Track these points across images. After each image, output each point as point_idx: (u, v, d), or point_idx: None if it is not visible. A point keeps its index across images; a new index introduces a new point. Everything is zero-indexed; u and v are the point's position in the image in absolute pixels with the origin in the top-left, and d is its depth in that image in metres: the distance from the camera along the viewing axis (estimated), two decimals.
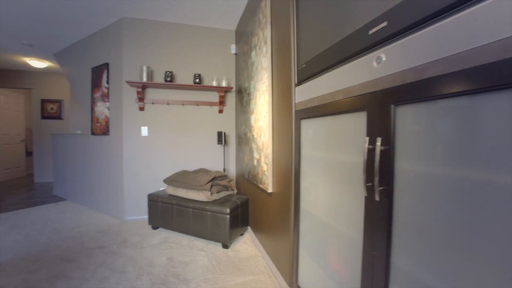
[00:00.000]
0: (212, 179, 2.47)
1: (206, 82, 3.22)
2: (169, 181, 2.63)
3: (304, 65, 1.42)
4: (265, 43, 1.99)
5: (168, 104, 3.10)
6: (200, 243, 2.45)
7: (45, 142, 5.51)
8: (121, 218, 3.06)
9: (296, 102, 1.54)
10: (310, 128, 1.39)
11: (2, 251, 2.24)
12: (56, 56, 4.34)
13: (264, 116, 2.03)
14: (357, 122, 0.97)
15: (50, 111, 5.55)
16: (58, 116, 5.57)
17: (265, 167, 2.01)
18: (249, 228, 2.67)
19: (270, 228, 2.02)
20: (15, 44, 3.99)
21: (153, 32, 3.06)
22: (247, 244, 2.45)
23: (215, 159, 3.29)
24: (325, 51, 1.17)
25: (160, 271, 1.96)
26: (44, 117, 5.52)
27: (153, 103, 3.04)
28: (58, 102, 5.59)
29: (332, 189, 1.17)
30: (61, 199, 4.03)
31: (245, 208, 2.58)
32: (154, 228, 2.75)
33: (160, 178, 3.09)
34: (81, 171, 3.70)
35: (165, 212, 2.59)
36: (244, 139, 2.73)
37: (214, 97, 3.27)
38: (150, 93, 3.06)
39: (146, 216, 3.07)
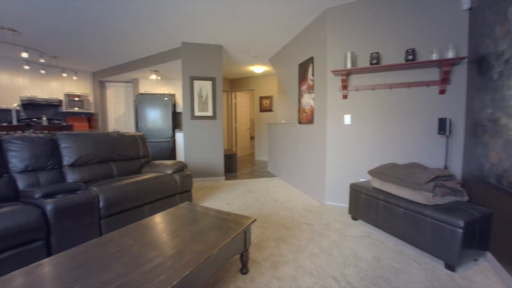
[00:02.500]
0: (434, 178, 1.96)
1: (421, 57, 2.61)
2: (375, 173, 2.43)
3: None
4: None
5: (373, 89, 2.85)
6: (410, 250, 2.07)
7: (262, 130, 7.19)
8: (321, 201, 3.29)
9: None
10: None
11: (247, 207, 3.12)
12: (270, 61, 5.39)
13: None
14: None
15: (265, 105, 7.12)
16: (269, 109, 7.03)
17: None
18: (488, 254, 1.90)
19: None
20: (246, 57, 5.38)
21: (355, 14, 2.89)
22: (487, 276, 1.75)
23: (430, 153, 2.64)
24: None
25: (367, 267, 1.84)
26: (261, 110, 7.20)
27: (356, 89, 2.92)
28: (270, 98, 7.03)
29: None
30: (273, 175, 5.07)
31: (485, 225, 1.84)
32: (354, 219, 2.69)
33: (362, 168, 2.96)
34: (288, 154, 4.40)
35: (368, 205, 2.43)
36: (491, 128, 1.92)
37: (433, 74, 2.58)
38: (354, 80, 2.95)
39: (345, 204, 3.09)
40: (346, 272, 1.79)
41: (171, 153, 6.02)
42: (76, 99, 6.27)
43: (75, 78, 6.22)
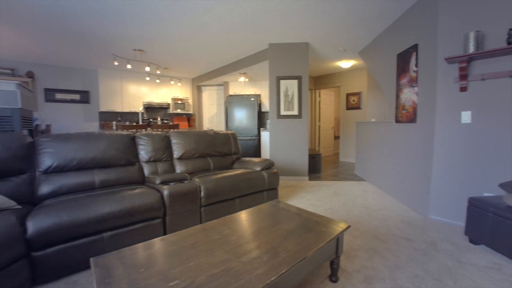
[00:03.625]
0: None
1: None
2: (511, 187, 1.87)
3: None
4: None
5: (510, 76, 2.19)
6: None
7: (348, 129, 6.71)
8: (423, 214, 2.79)
9: None
10: None
11: (333, 211, 2.96)
12: (360, 54, 4.93)
13: None
14: None
15: (352, 102, 6.60)
16: (357, 107, 6.47)
17: None
18: None
19: None
20: (333, 52, 5.09)
21: None
22: None
23: None
24: None
25: None
26: (348, 108, 6.71)
27: (482, 79, 2.31)
28: (358, 94, 6.46)
29: None
30: (361, 179, 4.64)
31: None
32: (474, 242, 2.15)
33: (487, 179, 2.34)
34: (380, 156, 3.93)
35: (499, 228, 1.89)
36: None
37: None
38: (478, 67, 2.35)
39: (458, 222, 2.52)
40: None
41: (256, 151, 6.36)
42: (179, 102, 7.42)
43: (179, 84, 7.37)
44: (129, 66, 5.18)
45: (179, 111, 7.42)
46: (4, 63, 5.39)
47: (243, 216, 1.71)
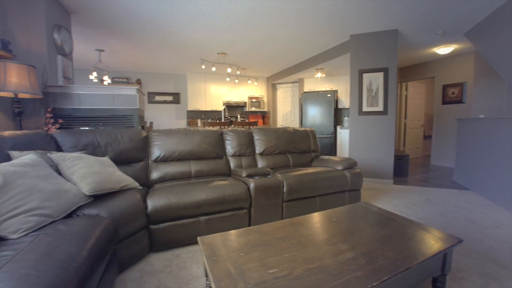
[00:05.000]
0: None
1: None
2: None
3: None
4: None
5: None
6: None
7: (444, 127, 5.69)
8: None
9: None
10: None
11: (428, 222, 2.58)
12: (467, 35, 4.09)
13: None
14: None
15: (451, 95, 5.55)
16: (459, 100, 5.40)
17: None
18: None
19: None
20: (429, 37, 4.37)
21: None
22: None
23: None
24: None
25: None
26: (444, 102, 5.68)
27: None
28: (460, 85, 5.38)
29: None
30: (462, 188, 3.87)
31: None
32: None
33: None
34: (495, 161, 3.18)
35: None
36: None
37: None
38: None
39: None
40: None
41: (331, 149, 6.11)
42: (254, 100, 7.76)
43: (256, 83, 7.71)
44: (213, 69, 5.72)
45: (253, 109, 7.78)
46: (122, 74, 6.78)
47: (331, 215, 1.67)
